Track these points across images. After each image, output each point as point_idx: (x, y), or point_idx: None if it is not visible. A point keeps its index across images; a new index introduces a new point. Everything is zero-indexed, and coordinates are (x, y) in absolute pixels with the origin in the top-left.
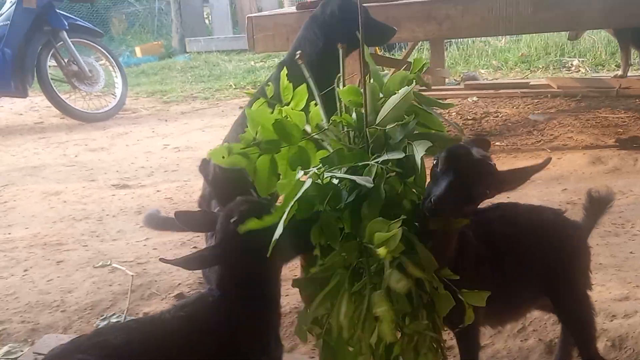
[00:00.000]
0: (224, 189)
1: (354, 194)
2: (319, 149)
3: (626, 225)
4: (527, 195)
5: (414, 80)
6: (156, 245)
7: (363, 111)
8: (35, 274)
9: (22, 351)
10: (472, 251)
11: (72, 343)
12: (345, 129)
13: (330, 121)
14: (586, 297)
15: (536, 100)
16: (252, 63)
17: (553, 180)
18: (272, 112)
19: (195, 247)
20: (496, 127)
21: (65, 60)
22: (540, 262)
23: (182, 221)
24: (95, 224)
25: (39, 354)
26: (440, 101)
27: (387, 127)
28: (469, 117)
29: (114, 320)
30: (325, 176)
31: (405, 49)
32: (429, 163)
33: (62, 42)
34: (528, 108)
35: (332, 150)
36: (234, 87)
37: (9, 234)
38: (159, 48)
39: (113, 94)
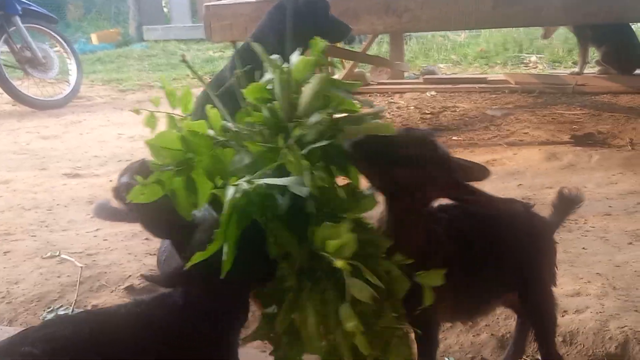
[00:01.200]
0: (150, 213)
1: (287, 197)
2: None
3: (579, 221)
4: (482, 189)
5: (320, 63)
6: (107, 236)
7: (276, 106)
8: None
9: None
10: (441, 248)
11: (19, 335)
12: (258, 128)
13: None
14: (551, 293)
15: (494, 96)
16: (211, 53)
17: (509, 176)
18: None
19: (147, 239)
20: (454, 121)
21: (18, 46)
22: (511, 256)
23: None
24: (45, 213)
25: None
26: (347, 82)
27: (312, 117)
28: (426, 112)
29: (62, 312)
30: (255, 183)
31: (365, 41)
32: None
33: (14, 28)
34: (486, 103)
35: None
36: (191, 77)
37: None
38: (116, 35)
39: (67, 81)
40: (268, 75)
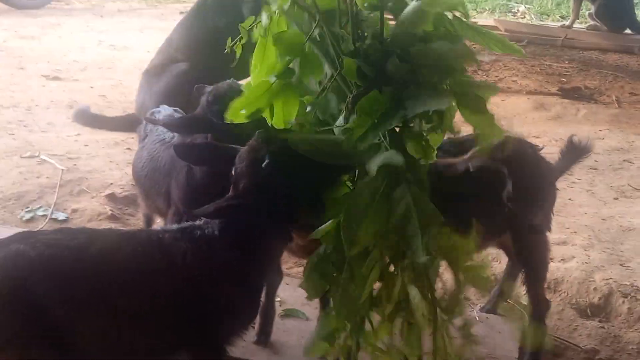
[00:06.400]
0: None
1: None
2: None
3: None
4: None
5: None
6: (88, 142)
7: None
8: None
9: None
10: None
11: (27, 232)
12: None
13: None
14: (545, 238)
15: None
16: None
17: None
18: None
19: (129, 149)
20: None
21: None
22: (510, 194)
23: (181, 154)
24: (24, 113)
25: None
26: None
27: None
28: None
29: (40, 213)
30: None
31: None
32: None
33: None
34: (474, 47)
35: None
36: None
37: None
38: None
39: None
40: None
